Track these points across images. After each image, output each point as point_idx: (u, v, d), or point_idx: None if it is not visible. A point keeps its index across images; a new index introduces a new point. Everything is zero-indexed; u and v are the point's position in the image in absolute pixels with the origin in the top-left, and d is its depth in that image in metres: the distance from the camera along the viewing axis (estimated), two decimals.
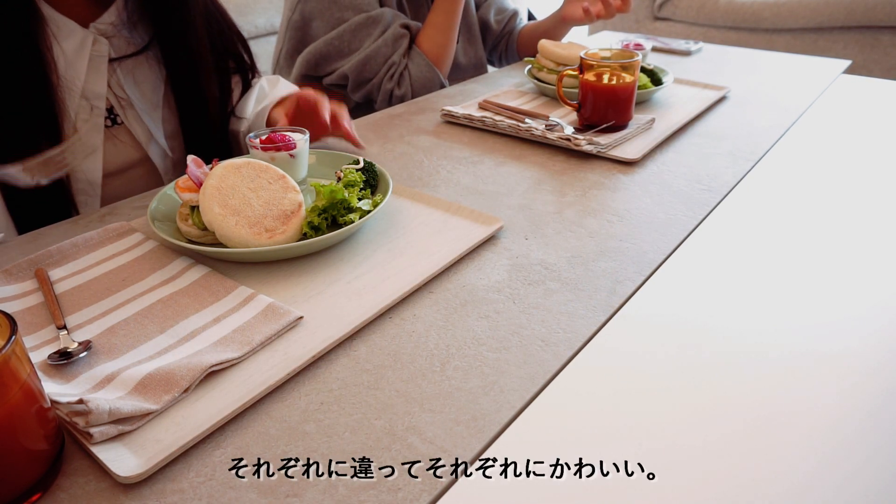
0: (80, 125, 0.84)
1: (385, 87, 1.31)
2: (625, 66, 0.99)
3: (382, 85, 1.31)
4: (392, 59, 1.30)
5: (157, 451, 0.44)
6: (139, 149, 0.92)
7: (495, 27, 1.57)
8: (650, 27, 2.86)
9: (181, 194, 0.71)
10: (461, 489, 0.43)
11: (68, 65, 0.82)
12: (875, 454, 0.45)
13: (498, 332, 0.57)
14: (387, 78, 1.31)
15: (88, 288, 0.63)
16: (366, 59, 1.29)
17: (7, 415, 0.40)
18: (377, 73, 1.30)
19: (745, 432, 0.47)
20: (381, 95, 1.32)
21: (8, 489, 0.41)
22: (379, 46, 1.29)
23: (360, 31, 1.29)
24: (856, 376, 0.53)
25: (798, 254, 0.71)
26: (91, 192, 0.88)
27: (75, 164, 0.84)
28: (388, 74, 1.31)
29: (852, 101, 1.21)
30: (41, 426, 0.43)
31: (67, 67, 0.82)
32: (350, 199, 0.70)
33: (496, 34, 1.58)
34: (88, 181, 0.87)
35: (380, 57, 1.29)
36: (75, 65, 0.83)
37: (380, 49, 1.29)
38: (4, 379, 0.39)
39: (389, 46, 1.30)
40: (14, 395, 0.40)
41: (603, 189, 0.85)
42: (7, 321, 0.41)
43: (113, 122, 0.89)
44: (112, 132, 0.89)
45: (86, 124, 0.85)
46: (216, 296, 0.61)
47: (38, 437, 0.43)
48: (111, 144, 0.89)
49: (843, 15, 2.41)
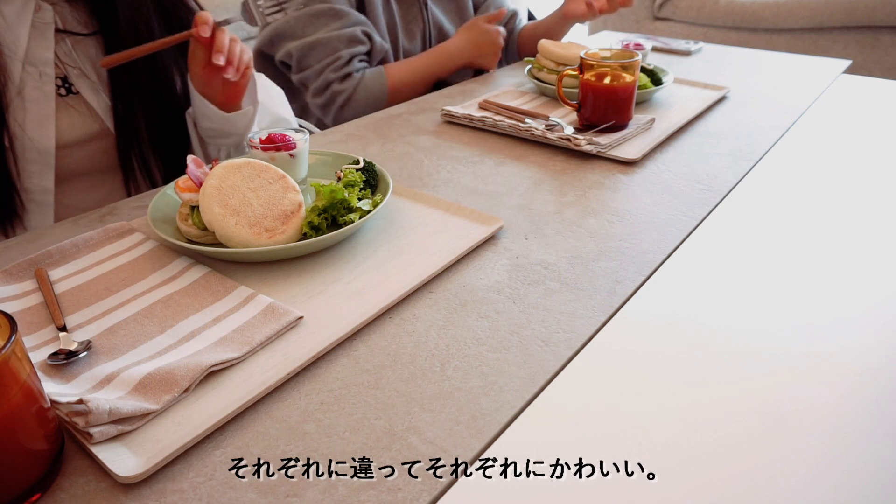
0: (29, 92, 0.83)
1: (326, 76, 1.30)
2: (625, 66, 0.99)
3: (324, 73, 1.30)
4: (341, 53, 1.29)
5: (156, 451, 0.44)
6: (98, 120, 0.91)
7: None
8: (650, 27, 2.86)
9: (181, 194, 0.71)
10: (461, 489, 0.43)
11: (8, 29, 0.82)
12: (875, 453, 0.45)
13: (498, 332, 0.57)
14: (330, 69, 1.30)
15: (88, 288, 0.63)
16: (314, 43, 1.29)
17: (7, 415, 0.40)
18: (321, 61, 1.30)
19: (745, 432, 0.47)
20: (319, 84, 1.31)
21: (8, 489, 0.41)
22: (331, 38, 1.29)
23: (318, 19, 1.30)
24: (856, 376, 0.53)
25: (798, 253, 0.70)
26: (43, 161, 0.86)
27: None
28: (333, 66, 1.30)
29: (852, 101, 1.21)
30: (41, 426, 0.43)
31: (7, 31, 0.82)
32: (350, 199, 0.70)
33: None
34: (38, 150, 0.85)
35: (329, 47, 1.29)
36: (15, 29, 0.83)
37: (332, 40, 1.29)
38: (4, 379, 0.39)
39: (343, 42, 1.30)
40: (14, 395, 0.40)
41: (603, 189, 0.85)
42: (7, 321, 0.41)
43: (68, 91, 0.88)
44: (67, 101, 0.88)
45: (34, 91, 0.84)
46: (216, 296, 0.61)
47: (38, 437, 0.43)
48: (66, 114, 0.88)
49: (843, 15, 2.41)
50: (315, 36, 1.29)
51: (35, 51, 0.84)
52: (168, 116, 0.97)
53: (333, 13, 1.30)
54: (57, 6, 0.86)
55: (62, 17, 0.87)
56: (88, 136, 0.90)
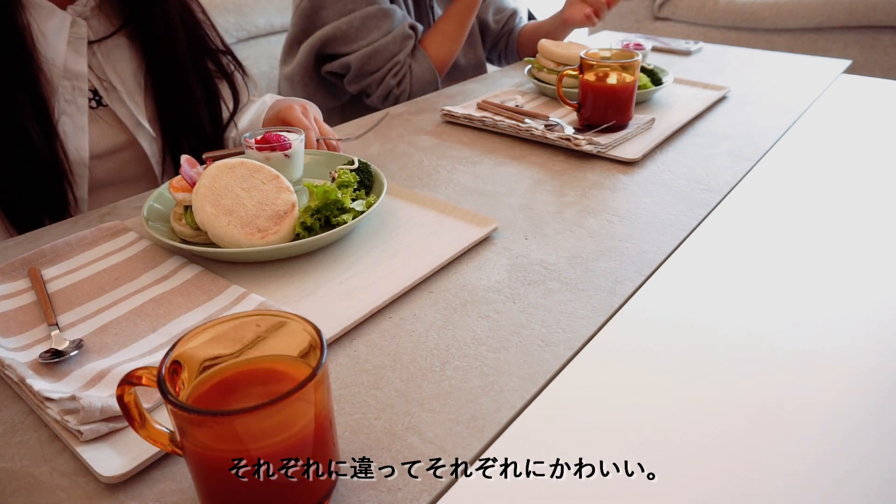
0: (65, 106, 0.86)
1: (387, 83, 1.31)
2: (625, 66, 0.98)
3: (385, 80, 1.31)
4: (398, 58, 1.30)
5: (141, 451, 0.44)
6: (126, 131, 0.93)
7: (493, 26, 1.56)
8: (650, 27, 2.86)
9: (174, 194, 0.70)
10: (461, 489, 0.42)
11: (48, 46, 0.84)
12: (874, 452, 0.44)
13: (498, 332, 0.57)
14: (390, 74, 1.31)
15: (81, 287, 0.62)
16: (373, 52, 1.29)
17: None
18: (381, 68, 1.30)
19: (746, 432, 0.46)
20: (381, 91, 1.32)
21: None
22: (388, 42, 1.29)
23: (370, 21, 1.29)
24: (855, 375, 0.52)
25: (798, 253, 0.70)
26: (78, 173, 0.89)
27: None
28: (392, 71, 1.31)
29: (852, 101, 1.21)
30: None
31: (48, 48, 0.84)
32: (343, 200, 0.69)
33: (495, 34, 1.58)
34: (75, 161, 0.88)
35: (387, 52, 1.30)
36: (55, 46, 0.85)
37: (388, 45, 1.29)
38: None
39: (397, 44, 1.30)
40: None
41: (603, 189, 0.84)
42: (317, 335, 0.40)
43: (98, 103, 0.91)
44: (97, 114, 0.91)
45: (70, 105, 0.87)
46: (208, 295, 0.60)
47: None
48: (96, 126, 0.91)
49: (843, 15, 2.41)
50: (372, 45, 1.29)
51: (71, 65, 0.87)
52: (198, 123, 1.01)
53: (383, 14, 1.29)
54: (90, 19, 0.89)
55: (94, 29, 0.89)
56: (118, 146, 0.93)
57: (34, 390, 0.47)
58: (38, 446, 0.46)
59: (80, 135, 0.88)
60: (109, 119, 0.92)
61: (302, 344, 0.41)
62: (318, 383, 0.37)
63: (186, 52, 0.96)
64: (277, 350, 0.42)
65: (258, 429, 0.35)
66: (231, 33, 1.82)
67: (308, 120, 0.93)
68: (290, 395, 0.34)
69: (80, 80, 0.87)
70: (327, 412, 0.39)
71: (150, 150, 0.96)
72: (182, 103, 0.97)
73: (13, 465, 0.44)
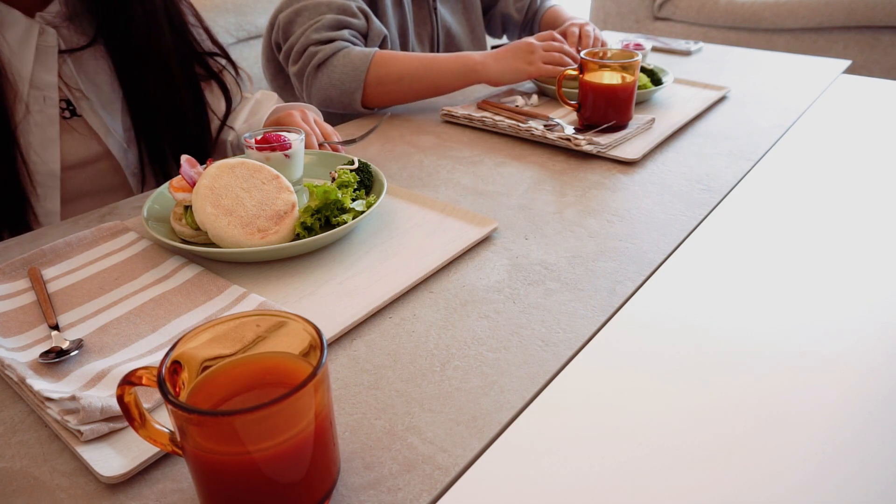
0: (34, 116, 0.84)
1: (307, 37, 1.11)
2: (625, 66, 0.98)
3: (304, 35, 1.12)
4: (325, 16, 1.12)
5: (142, 451, 0.44)
6: (100, 142, 0.91)
7: (517, 16, 1.53)
8: (650, 27, 2.86)
9: (174, 194, 0.70)
10: (461, 489, 0.42)
11: (13, 54, 0.82)
12: (875, 454, 0.44)
13: (498, 332, 0.57)
14: (312, 29, 1.11)
15: (81, 287, 0.62)
16: (299, 9, 1.13)
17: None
18: (304, 24, 1.13)
19: (746, 432, 0.46)
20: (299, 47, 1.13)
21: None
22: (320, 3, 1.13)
23: (321, 6, 1.14)
24: (856, 376, 0.52)
25: (798, 254, 0.70)
26: (50, 184, 0.87)
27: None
28: (315, 27, 1.12)
29: (852, 101, 1.21)
30: None
31: (12, 57, 0.82)
32: (343, 200, 0.69)
33: (520, 23, 1.55)
34: (46, 173, 0.86)
35: (315, 11, 1.13)
36: (20, 55, 0.83)
37: (319, 5, 1.13)
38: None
39: (334, 9, 1.13)
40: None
41: (603, 189, 0.84)
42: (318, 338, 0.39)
43: (72, 113, 0.89)
44: (70, 124, 0.89)
45: (39, 115, 0.85)
46: (208, 294, 0.60)
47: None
48: (69, 136, 0.88)
49: (843, 15, 2.41)
50: (302, 2, 1.13)
51: (39, 74, 0.84)
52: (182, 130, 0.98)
53: (341, 9, 1.14)
54: (60, 28, 0.86)
55: (65, 38, 0.87)
56: (91, 157, 0.91)
57: (34, 390, 0.47)
58: (38, 446, 0.46)
59: (50, 146, 0.86)
60: (83, 129, 0.90)
61: (302, 344, 0.41)
62: (319, 383, 0.37)
63: (173, 58, 0.93)
64: (278, 350, 0.42)
65: (258, 429, 0.35)
66: (231, 33, 1.82)
67: (309, 124, 0.92)
68: (291, 396, 0.34)
69: (49, 89, 0.85)
70: (327, 412, 0.39)
71: (124, 160, 0.93)
72: (165, 111, 0.95)
73: (13, 465, 0.44)
